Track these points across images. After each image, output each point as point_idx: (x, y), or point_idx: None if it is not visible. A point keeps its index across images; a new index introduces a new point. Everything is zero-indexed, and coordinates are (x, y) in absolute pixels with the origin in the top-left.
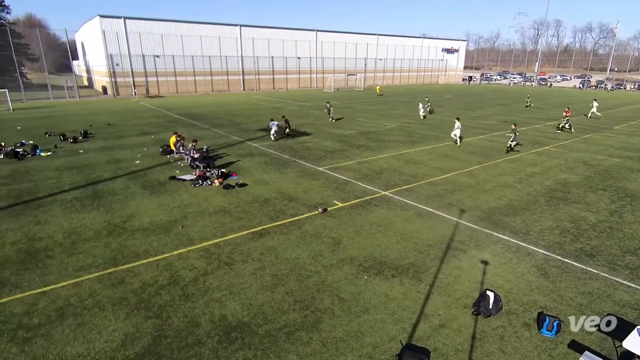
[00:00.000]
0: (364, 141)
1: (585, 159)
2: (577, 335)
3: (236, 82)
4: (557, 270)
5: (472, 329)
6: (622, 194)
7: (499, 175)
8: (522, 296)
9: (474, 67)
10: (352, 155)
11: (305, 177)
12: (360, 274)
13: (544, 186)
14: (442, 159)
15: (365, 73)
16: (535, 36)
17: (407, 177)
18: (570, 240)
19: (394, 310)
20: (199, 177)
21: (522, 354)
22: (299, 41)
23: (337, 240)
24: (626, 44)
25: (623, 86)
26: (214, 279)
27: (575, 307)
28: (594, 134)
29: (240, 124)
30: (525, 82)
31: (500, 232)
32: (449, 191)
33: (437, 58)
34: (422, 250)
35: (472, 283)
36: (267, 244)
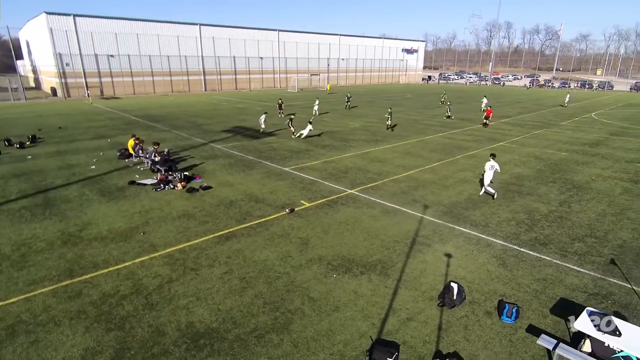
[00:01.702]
0: (329, 141)
1: (536, 154)
2: (534, 320)
3: (197, 82)
4: (514, 259)
5: (438, 320)
6: (569, 185)
7: (459, 171)
8: (483, 286)
9: (432, 67)
10: (317, 155)
11: (271, 177)
12: (330, 273)
13: (500, 180)
14: (405, 157)
15: (328, 73)
16: (488, 37)
17: (372, 175)
18: (525, 231)
19: (364, 307)
20: (161, 181)
21: (485, 341)
22: (261, 41)
23: (306, 240)
24: (569, 45)
25: (568, 85)
26: (180, 285)
27: (532, 293)
28: (544, 130)
29: (203, 125)
30: (480, 82)
31: (462, 226)
32: (413, 188)
33: (397, 58)
34: (388, 247)
35: (437, 276)
36: (234, 247)
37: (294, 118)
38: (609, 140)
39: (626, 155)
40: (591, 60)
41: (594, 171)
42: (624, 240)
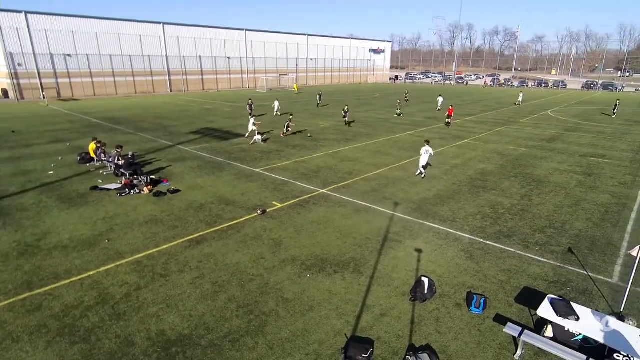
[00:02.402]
0: (300, 141)
1: (498, 150)
2: (500, 309)
3: (162, 83)
4: (481, 252)
5: (410, 315)
6: (530, 179)
7: (427, 169)
8: (453, 279)
9: (399, 67)
10: (288, 156)
11: (241, 179)
12: (303, 273)
13: (466, 176)
14: (375, 155)
15: (297, 73)
16: (451, 38)
17: (343, 174)
18: (490, 224)
19: (338, 305)
20: (126, 186)
21: (455, 332)
22: (228, 40)
23: (278, 242)
24: (526, 46)
25: (526, 84)
26: (149, 293)
27: (497, 284)
28: (505, 127)
29: (169, 127)
30: (445, 81)
31: (431, 221)
32: (383, 185)
33: (365, 58)
34: (361, 245)
35: (408, 271)
36: (205, 251)
37: (292, 117)
38: (564, 136)
39: (579, 150)
40: (546, 60)
41: (551, 165)
42: (580, 230)
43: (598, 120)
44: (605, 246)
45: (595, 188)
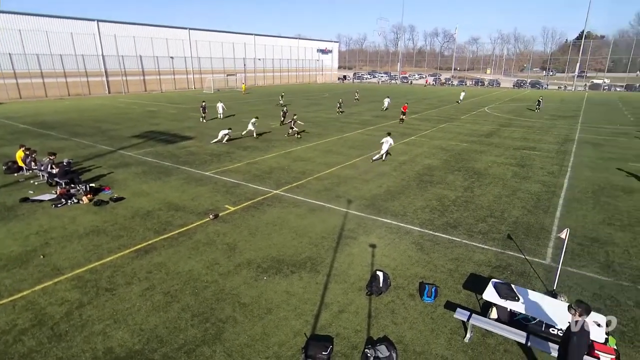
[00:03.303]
0: (251, 142)
1: (442, 146)
2: (450, 296)
3: (99, 84)
4: (431, 243)
5: (367, 309)
6: (471, 172)
7: (377, 165)
8: (406, 270)
9: (346, 67)
10: (239, 157)
11: (191, 183)
12: (260, 276)
13: (414, 172)
14: (327, 155)
15: (245, 73)
16: (395, 39)
17: (296, 174)
18: (437, 216)
19: (296, 305)
20: (61, 196)
21: (410, 321)
22: (171, 39)
23: (233, 246)
24: (464, 47)
25: (464, 83)
26: (93, 309)
27: (447, 272)
28: (447, 124)
29: (109, 131)
30: (391, 80)
31: (383, 217)
32: (336, 184)
33: (313, 58)
34: (316, 243)
35: (363, 266)
36: (155, 261)
37: (296, 117)
38: (500, 131)
39: (513, 144)
40: (481, 60)
41: (489, 159)
42: (517, 217)
43: (528, 116)
44: (539, 231)
45: (528, 178)
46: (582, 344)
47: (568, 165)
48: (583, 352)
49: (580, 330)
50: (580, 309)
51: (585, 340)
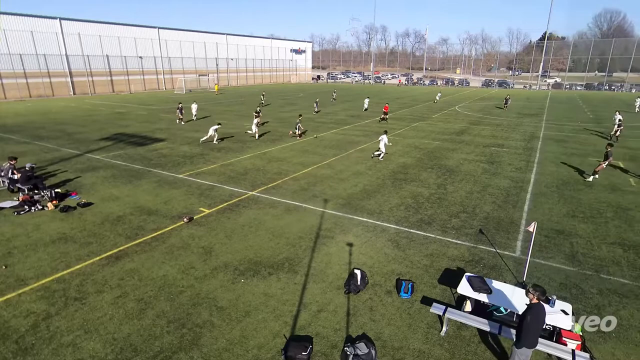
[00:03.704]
0: (225, 143)
1: (416, 144)
2: (426, 291)
3: (62, 85)
4: (406, 240)
5: (346, 307)
6: (444, 169)
7: (353, 165)
8: (382, 268)
9: (320, 67)
10: (213, 159)
11: (164, 186)
12: (237, 279)
13: (388, 170)
14: (303, 155)
15: (217, 73)
16: (367, 39)
17: (271, 175)
18: (412, 213)
19: (275, 307)
20: (24, 202)
21: (388, 318)
22: (139, 39)
23: (208, 249)
24: (434, 47)
25: (435, 82)
26: (62, 320)
27: (422, 268)
28: (420, 123)
29: (75, 134)
30: (364, 80)
31: (359, 215)
32: (312, 184)
33: (287, 58)
34: (294, 244)
35: (341, 265)
36: (127, 267)
37: (301, 118)
38: (470, 129)
39: (483, 141)
40: (451, 60)
41: (461, 156)
42: (488, 213)
43: (496, 114)
44: (508, 225)
45: (497, 174)
46: (535, 322)
47: (534, 161)
48: (536, 330)
49: (535, 311)
50: (536, 292)
51: (539, 319)
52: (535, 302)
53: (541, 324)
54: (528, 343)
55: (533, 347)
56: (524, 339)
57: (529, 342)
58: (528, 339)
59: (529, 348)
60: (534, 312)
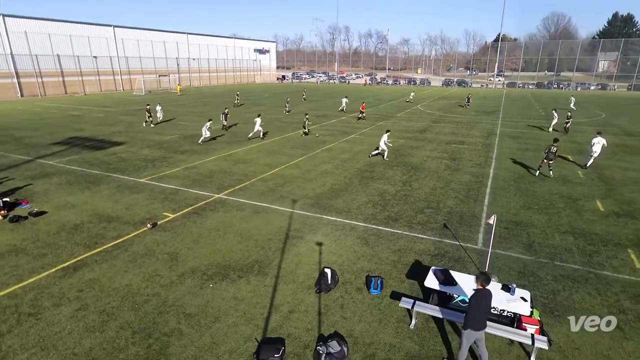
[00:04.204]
0: (189, 145)
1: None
2: (395, 286)
3: (8, 86)
4: (375, 237)
5: (317, 307)
6: (409, 167)
7: (320, 164)
8: (352, 265)
9: (285, 67)
10: (177, 162)
11: (124, 192)
12: (205, 284)
13: (355, 169)
14: (269, 155)
15: (179, 73)
16: (331, 40)
17: (238, 176)
18: (380, 211)
19: (245, 310)
20: None
21: (359, 314)
22: (94, 37)
23: (174, 255)
24: (396, 48)
25: (398, 82)
26: (15, 338)
27: (391, 264)
28: (385, 122)
29: (24, 138)
30: (329, 80)
31: (328, 214)
32: (280, 184)
33: (250, 58)
34: (263, 246)
35: (311, 265)
36: (87, 277)
37: (308, 117)
38: (432, 127)
39: (445, 139)
40: (413, 60)
41: (424, 153)
42: (451, 207)
43: (457, 112)
44: (470, 218)
45: (459, 170)
46: (479, 306)
47: (492, 156)
48: (481, 314)
49: (479, 296)
50: (481, 279)
51: (483, 304)
52: (480, 288)
53: (485, 307)
54: (473, 325)
55: (479, 330)
56: (469, 322)
57: (473, 325)
58: (472, 321)
59: (475, 330)
60: (478, 297)
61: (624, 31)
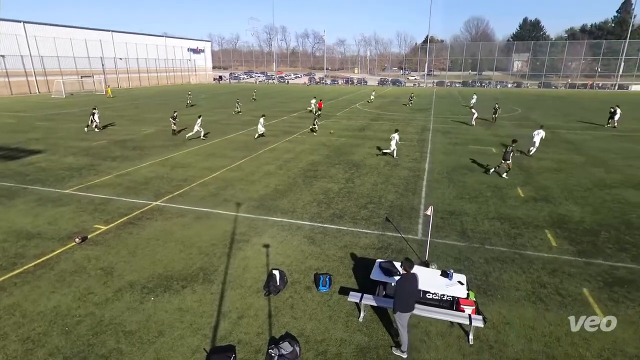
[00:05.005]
0: (120, 151)
1: (323, 141)
2: (343, 282)
3: None
4: (321, 235)
5: (267, 310)
6: (350, 164)
7: (263, 165)
8: (300, 265)
9: (222, 67)
10: (107, 169)
11: (46, 205)
12: (146, 297)
13: (299, 168)
14: (209, 158)
15: (104, 74)
16: (268, 39)
17: (177, 182)
18: (325, 209)
19: (192, 321)
20: None
21: (310, 313)
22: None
23: (109, 269)
24: (333, 48)
25: (336, 82)
26: None
27: (338, 260)
28: (325, 121)
29: None
30: (268, 80)
31: (274, 216)
32: (222, 188)
33: (184, 58)
34: (207, 252)
35: (259, 268)
36: (5, 303)
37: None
38: (370, 125)
39: (383, 136)
40: (349, 61)
41: (365, 151)
42: (392, 201)
43: (393, 110)
44: (410, 211)
45: (397, 165)
46: (407, 290)
47: (427, 151)
48: (406, 296)
49: (404, 280)
50: (405, 264)
51: (407, 287)
52: (405, 273)
53: (411, 290)
54: (400, 308)
55: (407, 312)
56: (396, 305)
57: (400, 307)
58: (399, 304)
59: (403, 312)
60: (403, 281)
61: (533, 34)
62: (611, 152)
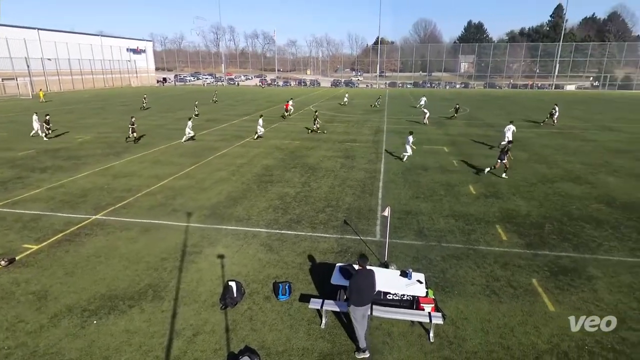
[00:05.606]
0: (51, 161)
1: (277, 145)
2: (303, 289)
3: None
4: (278, 242)
5: (224, 324)
6: (306, 168)
7: (214, 172)
8: (258, 274)
9: (165, 69)
10: (36, 182)
11: None
12: (88, 321)
13: (253, 173)
14: (155, 166)
15: (31, 77)
16: (215, 39)
17: (119, 193)
18: (281, 214)
19: (141, 343)
20: None
21: (270, 324)
22: None
23: (43, 293)
24: (284, 49)
25: (289, 83)
26: None
27: (297, 267)
28: (278, 124)
29: None
30: (217, 82)
31: (227, 224)
32: (171, 197)
33: (123, 59)
34: (156, 267)
35: (214, 280)
36: None
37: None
38: (325, 127)
39: (338, 138)
40: (301, 62)
41: (320, 153)
42: (349, 204)
43: (347, 112)
44: (368, 212)
45: (353, 167)
46: (361, 284)
47: (382, 152)
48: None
49: (358, 275)
50: (360, 261)
51: (361, 282)
52: (361, 269)
53: (366, 285)
54: (353, 301)
55: (360, 306)
56: (350, 299)
57: (354, 301)
58: (352, 298)
59: (357, 306)
60: (357, 276)
61: (477, 37)
62: (551, 149)
